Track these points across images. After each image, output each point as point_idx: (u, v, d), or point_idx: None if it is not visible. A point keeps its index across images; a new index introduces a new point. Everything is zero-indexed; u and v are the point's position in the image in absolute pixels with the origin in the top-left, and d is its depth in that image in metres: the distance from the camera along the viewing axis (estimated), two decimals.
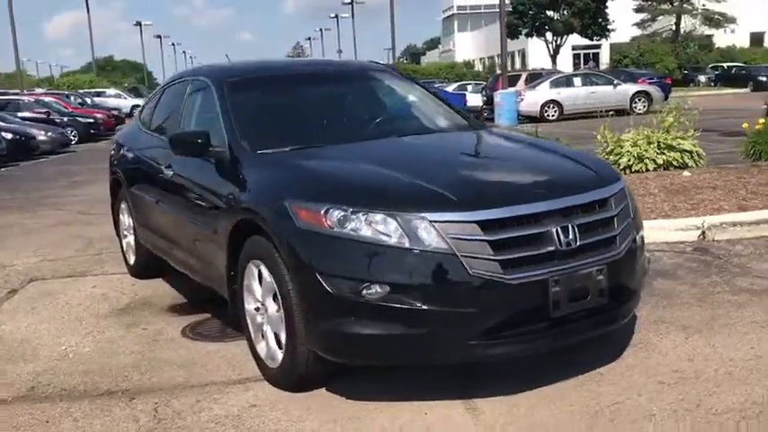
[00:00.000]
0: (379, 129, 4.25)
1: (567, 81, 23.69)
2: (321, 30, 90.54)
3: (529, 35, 56.14)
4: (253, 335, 3.56)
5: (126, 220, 5.69)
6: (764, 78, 38.28)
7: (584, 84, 23.27)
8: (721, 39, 53.01)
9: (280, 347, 3.31)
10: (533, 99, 22.86)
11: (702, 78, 44.03)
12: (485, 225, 2.88)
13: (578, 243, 2.99)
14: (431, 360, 3.01)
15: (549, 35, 54.00)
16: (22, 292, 5.49)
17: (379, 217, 2.91)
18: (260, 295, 3.42)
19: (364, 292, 2.86)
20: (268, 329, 3.38)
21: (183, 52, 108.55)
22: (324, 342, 3.02)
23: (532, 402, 3.04)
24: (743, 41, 55.48)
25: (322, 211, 2.99)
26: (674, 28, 51.96)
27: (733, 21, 49.94)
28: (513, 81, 26.02)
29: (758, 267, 4.84)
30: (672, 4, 52.00)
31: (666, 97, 23.48)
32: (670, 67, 44.07)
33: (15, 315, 4.89)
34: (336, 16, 72.48)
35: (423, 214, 2.87)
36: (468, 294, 2.83)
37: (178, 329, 4.40)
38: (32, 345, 4.26)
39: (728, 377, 3.16)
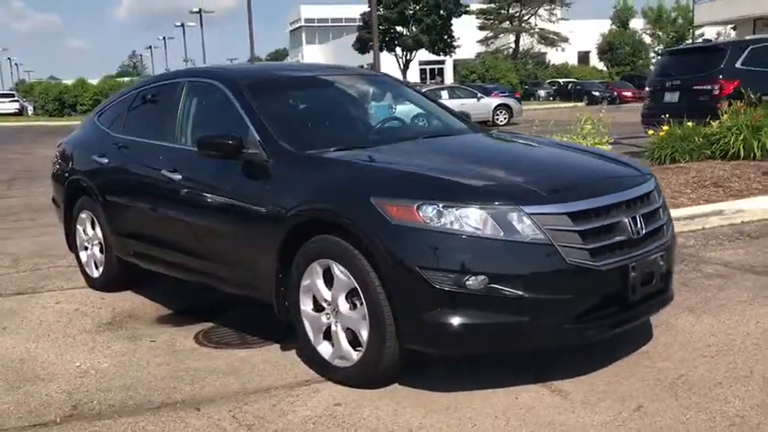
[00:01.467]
0: (409, 130, 4.35)
1: (434, 95, 24.59)
2: (165, 38, 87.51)
3: (380, 49, 57.65)
4: (312, 336, 3.54)
5: (89, 230, 5.35)
6: (597, 93, 41.62)
7: (450, 97, 24.31)
8: (554, 56, 57.20)
9: (354, 346, 3.33)
10: (405, 110, 23.47)
11: (542, 93, 47.19)
12: (574, 216, 3.09)
13: (644, 231, 3.29)
14: (527, 346, 3.18)
15: (398, 50, 55.69)
16: None
17: (474, 210, 3.04)
18: (327, 295, 3.41)
19: (466, 282, 2.97)
20: (338, 329, 3.38)
21: (9, 59, 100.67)
22: (424, 334, 3.09)
23: (606, 380, 3.28)
24: (572, 59, 60.21)
25: (415, 207, 3.07)
26: (513, 46, 55.49)
27: (566, 40, 54.12)
28: None
29: (711, 255, 5.43)
30: (511, 23, 55.53)
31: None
32: (513, 81, 46.88)
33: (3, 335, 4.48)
34: (182, 25, 70.38)
35: (520, 207, 3.04)
36: (565, 282, 3.03)
37: (189, 339, 4.25)
38: (37, 364, 3.94)
39: (757, 348, 3.57)
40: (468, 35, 55.24)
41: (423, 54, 56.45)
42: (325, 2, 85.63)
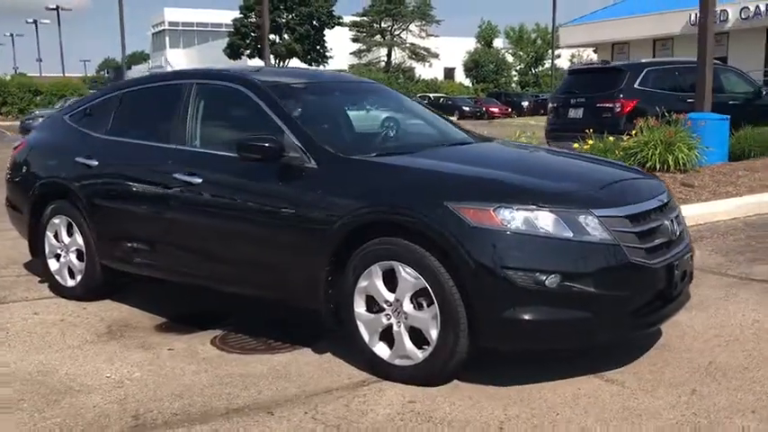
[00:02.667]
0: (431, 137, 4.48)
1: None
2: (12, 35, 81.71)
3: (251, 56, 56.99)
4: (367, 338, 3.60)
5: (64, 237, 5.06)
6: (467, 108, 43.37)
7: None
8: (422, 72, 58.94)
9: (418, 345, 3.43)
10: None
11: None
12: (631, 218, 3.38)
13: (678, 233, 3.64)
14: (591, 340, 3.41)
15: (271, 58, 55.33)
16: None
17: (547, 213, 3.25)
18: (389, 296, 3.48)
19: (543, 281, 3.17)
20: (401, 329, 3.47)
21: None
22: (501, 331, 3.25)
23: (647, 369, 3.59)
24: (439, 75, 62.30)
25: (492, 210, 3.24)
26: (386, 59, 56.68)
27: (436, 56, 55.97)
28: None
29: None
30: (384, 37, 56.72)
31: None
32: None
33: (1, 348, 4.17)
34: (36, 22, 66.06)
35: (590, 210, 3.29)
36: (627, 279, 3.30)
37: (207, 345, 4.16)
38: (61, 376, 3.73)
39: (757, 336, 4.02)
40: (341, 46, 55.85)
41: (295, 63, 56.40)
42: (190, 5, 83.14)
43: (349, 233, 3.57)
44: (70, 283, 5.13)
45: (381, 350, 3.57)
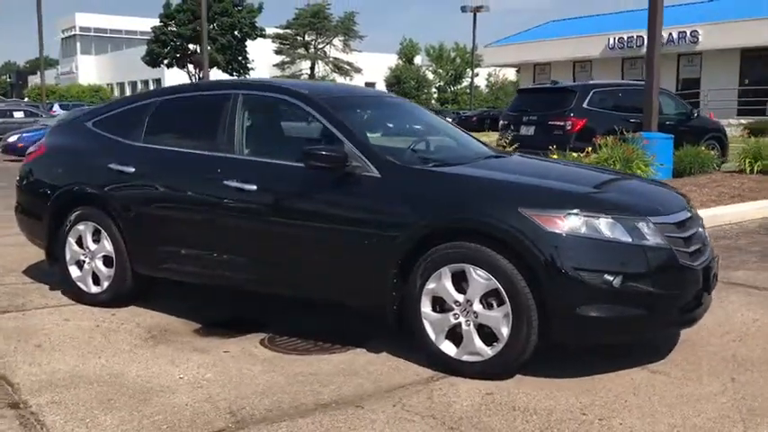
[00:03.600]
0: (469, 150, 4.79)
1: None
2: None
3: (170, 66, 55.96)
4: (433, 336, 3.84)
5: (89, 244, 5.06)
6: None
7: None
8: None
9: (486, 342, 3.71)
10: None
11: None
12: (678, 225, 3.79)
13: (706, 239, 4.08)
14: (646, 334, 3.79)
15: (191, 67, 54.47)
16: None
17: (610, 220, 3.61)
18: (458, 297, 3.74)
19: (609, 281, 3.52)
20: (470, 327, 3.74)
21: None
22: (572, 327, 3.57)
23: (683, 361, 3.98)
24: None
25: (562, 216, 3.57)
26: (309, 72, 56.81)
27: (359, 71, 56.53)
28: None
29: None
30: (307, 50, 56.86)
31: None
32: None
33: (37, 355, 4.15)
34: None
35: (647, 217, 3.67)
36: (678, 279, 3.70)
37: (260, 348, 4.29)
38: (134, 378, 3.80)
39: (762, 332, 4.51)
40: (263, 58, 55.60)
41: (216, 73, 55.69)
42: (103, 11, 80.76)
43: (420, 239, 3.82)
44: (94, 289, 5.12)
45: (448, 348, 3.82)
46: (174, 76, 60.68)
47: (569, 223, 3.57)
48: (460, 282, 3.76)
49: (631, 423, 3.23)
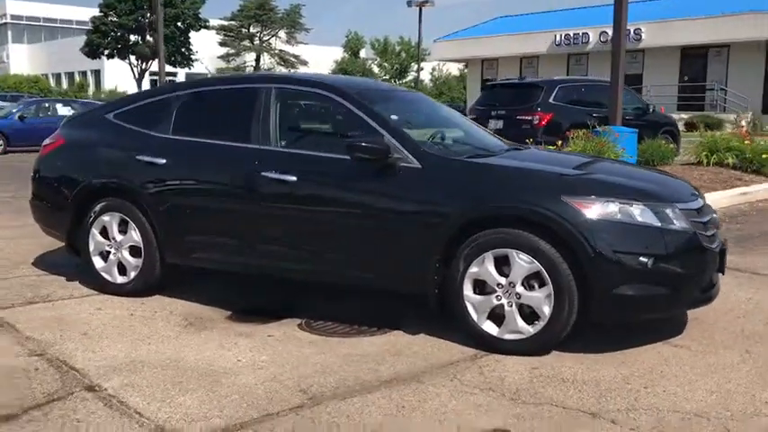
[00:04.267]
0: (492, 143, 5.05)
1: None
2: None
3: (111, 56, 54.64)
4: (476, 317, 4.10)
5: (115, 234, 5.13)
6: None
7: None
8: None
9: (527, 321, 3.99)
10: None
11: None
12: (698, 211, 4.14)
13: (718, 225, 4.45)
14: (673, 311, 4.14)
15: (132, 58, 53.31)
16: (28, 321, 4.61)
17: (642, 206, 3.93)
18: (501, 279, 4.01)
19: (644, 262, 3.85)
20: (513, 308, 4.01)
21: None
22: (611, 306, 3.88)
23: (699, 336, 4.35)
24: None
25: (601, 203, 3.88)
26: (254, 64, 56.31)
27: (305, 63, 56.32)
28: None
29: None
30: (252, 42, 56.34)
31: None
32: None
33: (87, 342, 4.23)
34: None
35: (674, 204, 4.01)
36: (701, 260, 4.05)
37: (300, 332, 4.46)
38: (193, 362, 3.94)
39: (760, 309, 4.93)
40: (207, 50, 54.81)
41: (157, 66, 54.65)
42: None
43: (463, 226, 4.07)
44: (120, 279, 5.20)
45: (490, 327, 4.09)
46: (115, 68, 59.39)
47: (607, 210, 3.88)
48: (501, 265, 4.03)
49: (673, 390, 3.56)
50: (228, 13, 56.60)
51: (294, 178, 4.50)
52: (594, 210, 3.87)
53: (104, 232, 5.21)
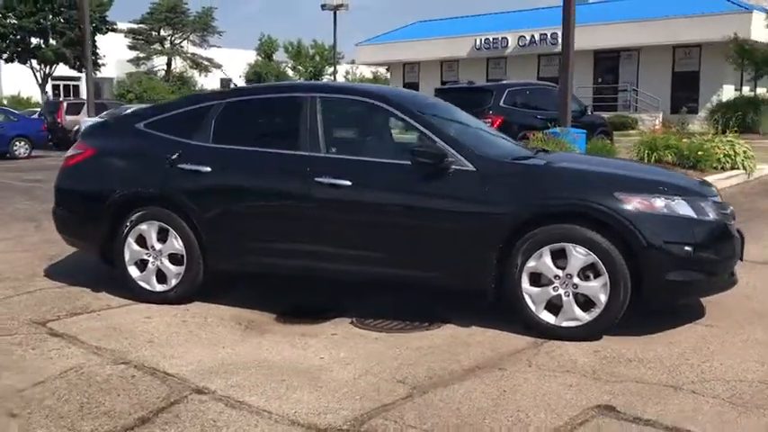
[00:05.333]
0: (516, 146, 5.40)
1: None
2: None
3: (9, 60, 52.11)
4: (533, 308, 4.44)
5: (154, 243, 5.16)
6: None
7: None
8: (200, 82, 58.03)
9: (583, 309, 4.36)
10: None
11: None
12: (721, 204, 4.63)
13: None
14: (709, 294, 4.58)
15: (35, 62, 51.03)
16: (85, 332, 4.61)
17: (682, 201, 4.37)
18: (558, 272, 4.35)
19: (687, 251, 4.29)
20: (569, 297, 4.36)
21: None
22: (661, 290, 4.30)
23: (719, 317, 4.83)
24: (216, 85, 61.78)
25: (650, 199, 4.30)
26: (165, 68, 55.00)
27: (219, 67, 55.50)
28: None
29: None
30: (163, 46, 55.03)
31: None
32: None
33: (160, 349, 4.29)
34: None
35: (708, 197, 4.47)
36: (729, 247, 4.53)
37: (363, 330, 4.66)
38: (279, 361, 4.09)
39: (765, 293, 5.50)
40: (116, 53, 53.13)
41: (63, 69, 52.58)
42: None
43: (520, 224, 4.40)
44: (159, 288, 5.23)
45: (547, 317, 4.43)
46: (14, 72, 56.56)
47: (655, 204, 4.30)
48: (556, 259, 4.38)
49: (729, 363, 4.00)
50: (138, 15, 54.96)
51: (348, 183, 4.70)
52: (644, 205, 4.28)
53: (141, 241, 5.23)
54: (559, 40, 30.71)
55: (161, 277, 5.23)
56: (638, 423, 3.25)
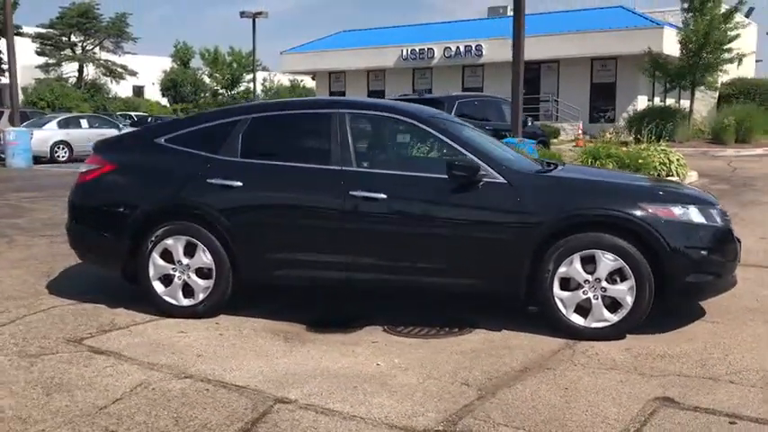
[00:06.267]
0: (527, 160, 5.74)
1: (75, 122, 23.34)
2: None
3: None
4: (564, 311, 4.76)
5: (181, 258, 5.19)
6: None
7: (91, 126, 23.34)
8: (112, 89, 56.39)
9: (610, 311, 4.71)
10: (42, 138, 21.77)
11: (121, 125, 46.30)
12: (722, 211, 5.09)
13: None
14: (718, 293, 5.00)
15: None
16: (128, 348, 4.60)
17: (696, 209, 4.80)
18: (588, 276, 4.69)
19: (705, 255, 4.71)
20: (598, 300, 4.71)
21: None
22: (681, 291, 4.71)
23: (725, 312, 5.30)
24: (128, 92, 60.17)
25: (670, 208, 4.70)
26: (77, 75, 53.11)
27: (135, 74, 54.06)
28: None
29: None
30: (74, 52, 53.13)
31: None
32: (87, 111, 45.11)
33: (223, 363, 4.35)
34: None
35: (716, 205, 4.92)
36: (733, 250, 4.98)
37: (397, 337, 4.87)
38: (339, 369, 4.23)
39: None
40: (23, 59, 50.85)
41: None
42: None
43: (552, 232, 4.71)
44: (185, 302, 5.26)
45: (577, 319, 4.76)
46: None
47: (675, 212, 4.71)
48: (584, 264, 4.72)
49: (750, 355, 4.43)
50: (47, 20, 52.83)
51: (384, 196, 4.89)
52: (665, 213, 4.68)
53: (166, 256, 5.24)
54: (484, 52, 31.86)
55: (187, 291, 5.26)
56: (700, 411, 3.59)
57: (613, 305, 4.72)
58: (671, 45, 27.59)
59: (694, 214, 4.79)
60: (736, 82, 32.56)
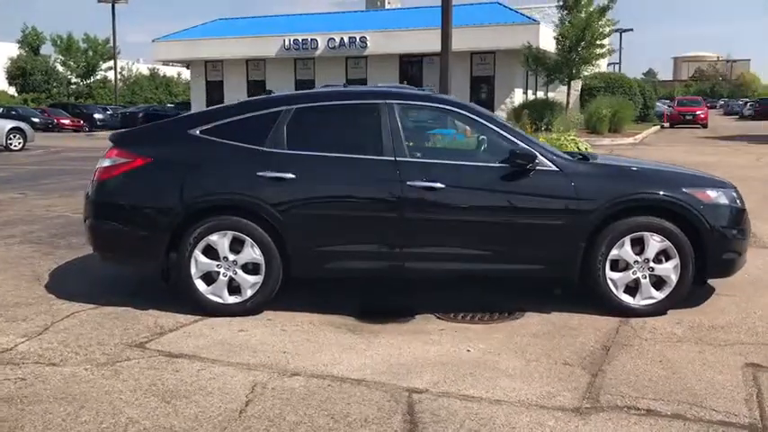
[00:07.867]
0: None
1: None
2: None
3: None
4: (615, 291, 5.06)
5: (227, 254, 4.99)
6: (37, 120, 39.78)
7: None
8: None
9: (656, 289, 5.07)
10: None
11: None
12: (740, 196, 5.60)
13: None
14: (738, 270, 5.47)
15: None
16: (201, 350, 4.38)
17: (724, 192, 5.25)
18: (636, 257, 5.01)
19: (735, 233, 5.18)
20: (646, 280, 5.05)
21: None
22: (720, 268, 5.14)
23: (735, 288, 5.81)
24: None
25: (708, 191, 5.12)
26: None
27: None
28: None
29: None
30: None
31: None
32: None
33: (305, 358, 4.25)
34: None
35: (736, 188, 5.40)
36: (748, 230, 5.49)
37: (456, 323, 4.98)
38: (434, 359, 4.27)
39: None
40: None
41: None
42: None
43: (605, 217, 4.99)
44: (230, 300, 5.07)
45: (626, 298, 5.08)
46: None
47: (711, 195, 5.13)
48: (633, 246, 5.04)
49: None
50: None
51: (442, 185, 4.96)
52: (705, 197, 5.10)
53: (209, 253, 5.02)
54: (368, 44, 32.14)
55: (232, 288, 5.06)
56: None
57: (658, 283, 5.08)
58: (547, 40, 29.17)
59: (725, 197, 5.24)
60: (598, 76, 34.98)
